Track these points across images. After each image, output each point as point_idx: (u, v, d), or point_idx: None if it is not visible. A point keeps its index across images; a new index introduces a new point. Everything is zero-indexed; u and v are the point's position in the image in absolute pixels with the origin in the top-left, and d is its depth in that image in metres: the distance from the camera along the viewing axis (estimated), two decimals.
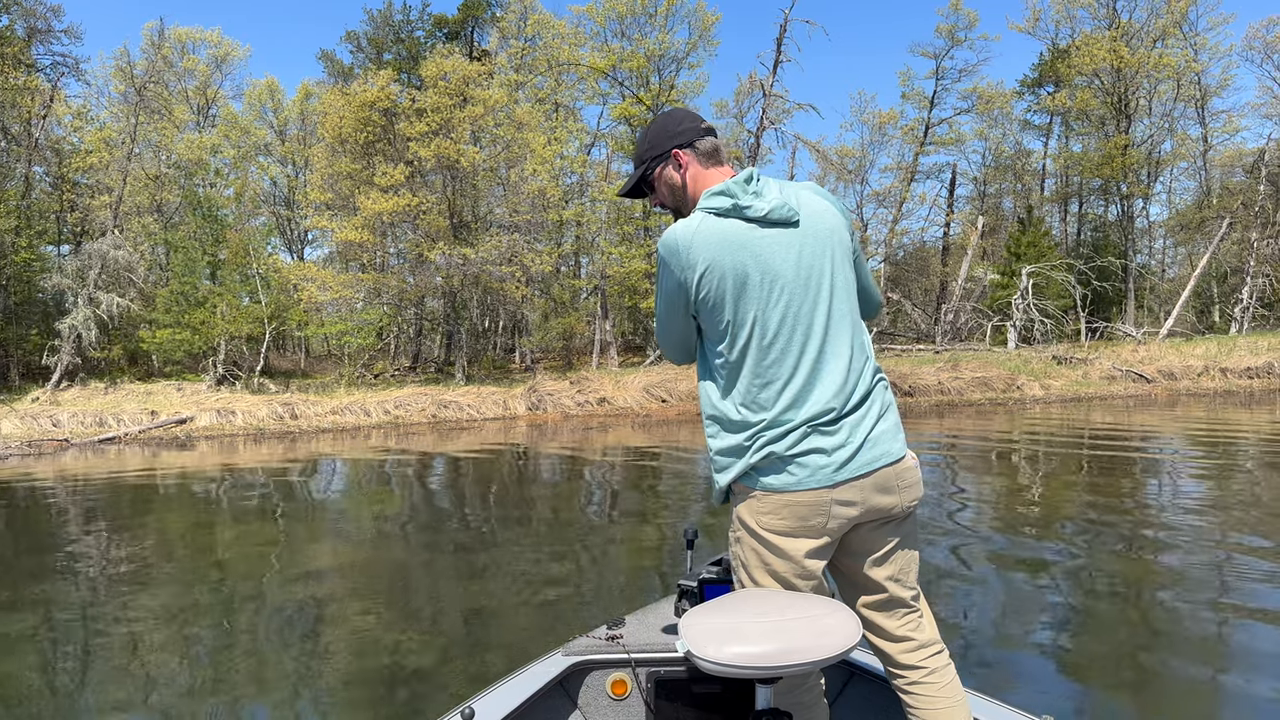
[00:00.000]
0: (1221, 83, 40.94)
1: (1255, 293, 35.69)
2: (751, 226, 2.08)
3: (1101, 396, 25.40)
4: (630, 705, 2.81)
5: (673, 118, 2.28)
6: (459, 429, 21.75)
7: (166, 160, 34.64)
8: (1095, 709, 4.06)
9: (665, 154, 2.24)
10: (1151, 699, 4.17)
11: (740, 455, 2.08)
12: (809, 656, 1.87)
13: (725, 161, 2.26)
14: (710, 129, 2.26)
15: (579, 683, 2.82)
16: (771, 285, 2.06)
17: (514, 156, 30.82)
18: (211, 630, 5.54)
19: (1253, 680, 4.22)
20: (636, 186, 2.34)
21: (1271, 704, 3.95)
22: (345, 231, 28.58)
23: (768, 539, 2.09)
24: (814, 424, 2.05)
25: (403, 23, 43.42)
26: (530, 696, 2.58)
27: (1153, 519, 8.18)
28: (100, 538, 8.82)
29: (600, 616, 5.47)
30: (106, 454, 18.03)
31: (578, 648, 2.83)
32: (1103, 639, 4.92)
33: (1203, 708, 4.09)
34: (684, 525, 5.30)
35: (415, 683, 4.55)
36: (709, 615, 1.99)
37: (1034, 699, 4.02)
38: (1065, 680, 4.43)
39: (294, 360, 38.78)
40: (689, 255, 2.07)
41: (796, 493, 2.04)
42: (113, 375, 28.25)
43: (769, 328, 2.06)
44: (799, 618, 1.95)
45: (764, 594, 2.11)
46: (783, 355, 2.07)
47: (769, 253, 2.07)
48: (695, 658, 1.88)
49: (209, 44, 41.72)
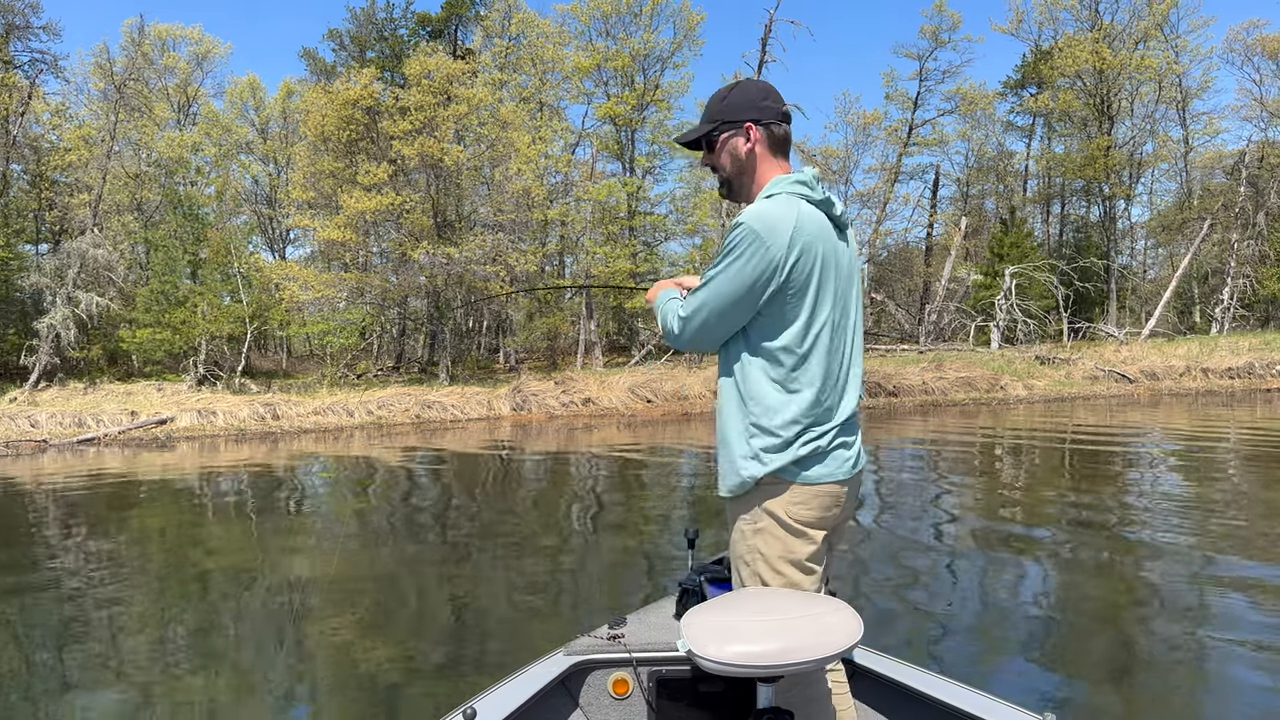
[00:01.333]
0: (1202, 85, 41.31)
1: (1236, 293, 35.96)
2: (830, 222, 2.16)
3: (1084, 396, 25.51)
4: (632, 704, 2.81)
5: (760, 89, 2.25)
6: (443, 429, 21.63)
7: (147, 158, 34.28)
8: (1079, 696, 4.04)
9: (740, 123, 2.21)
10: (1135, 689, 4.16)
11: (785, 448, 2.11)
12: (810, 655, 1.87)
13: (788, 155, 2.27)
14: (789, 115, 2.26)
15: (580, 682, 2.82)
16: (838, 282, 2.15)
17: (498, 155, 30.70)
18: (190, 638, 5.43)
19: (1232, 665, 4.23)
20: (698, 140, 2.29)
21: (1257, 690, 3.93)
22: (328, 230, 28.37)
23: (798, 528, 2.14)
24: (845, 423, 2.18)
25: (386, 20, 43.14)
26: (532, 696, 2.57)
27: (1136, 517, 8.18)
28: (76, 540, 8.68)
29: (588, 621, 5.41)
30: (85, 455, 17.82)
31: (579, 647, 2.82)
32: (1084, 629, 4.91)
33: (1187, 684, 4.10)
34: (680, 525, 5.26)
35: (401, 689, 4.47)
36: (710, 614, 2.00)
37: (1012, 686, 4.00)
38: (1049, 670, 4.43)
39: (276, 360, 38.54)
40: (794, 233, 2.05)
41: (827, 484, 2.14)
42: (92, 375, 27.97)
43: (833, 323, 2.14)
44: (801, 616, 1.96)
45: (765, 593, 2.13)
46: (837, 353, 2.16)
47: (839, 252, 2.17)
48: (696, 657, 1.88)
49: (190, 41, 41.42)
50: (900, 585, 6.14)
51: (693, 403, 25.11)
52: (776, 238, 2.03)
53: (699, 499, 10.40)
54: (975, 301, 36.68)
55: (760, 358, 2.12)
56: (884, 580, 6.24)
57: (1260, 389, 25.52)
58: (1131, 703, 4.11)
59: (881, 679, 2.69)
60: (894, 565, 6.69)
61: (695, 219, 36.69)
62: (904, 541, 7.50)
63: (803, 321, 2.09)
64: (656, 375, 27.28)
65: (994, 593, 5.95)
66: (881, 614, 5.41)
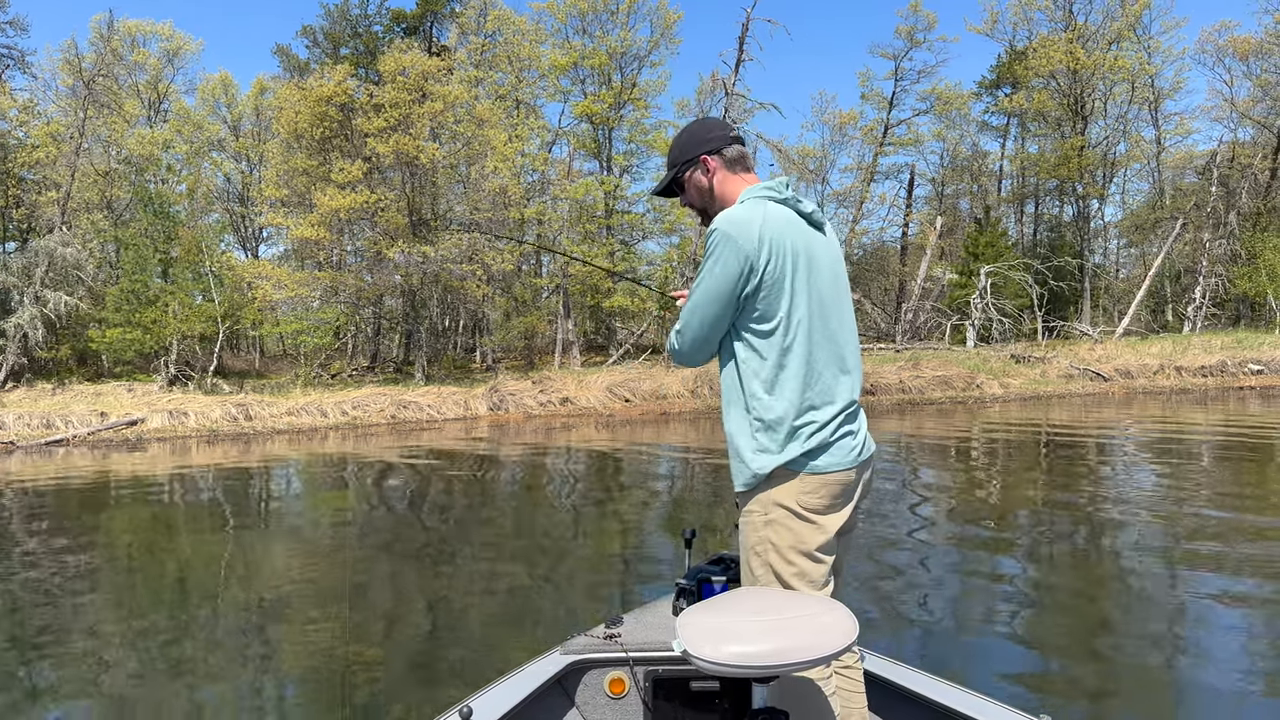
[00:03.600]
0: (1174, 85, 41.60)
1: (1208, 292, 36.29)
2: (801, 219, 2.29)
3: (1060, 395, 25.65)
4: (628, 704, 2.82)
5: (704, 125, 2.48)
6: (419, 429, 21.44)
7: (116, 155, 33.79)
8: (1049, 683, 4.03)
9: (695, 159, 2.41)
10: (1112, 680, 4.17)
11: (790, 439, 2.20)
12: (806, 655, 1.88)
13: (751, 169, 2.44)
14: (738, 137, 2.45)
15: (577, 681, 2.83)
16: (819, 275, 2.26)
17: (474, 153, 30.47)
18: (160, 647, 5.27)
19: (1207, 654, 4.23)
20: (669, 187, 2.51)
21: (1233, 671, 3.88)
22: (301, 229, 28.04)
23: (809, 517, 2.21)
24: (844, 412, 2.27)
25: (360, 17, 42.71)
26: (528, 695, 2.58)
27: (1109, 509, 8.18)
28: (43, 543, 8.46)
29: (571, 623, 5.30)
30: (54, 457, 17.52)
31: (575, 646, 2.84)
32: (1061, 621, 4.92)
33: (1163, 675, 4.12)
34: (663, 525, 5.20)
35: (380, 693, 4.35)
36: (706, 614, 2.01)
37: (989, 679, 3.94)
38: (1028, 662, 4.45)
39: (248, 360, 38.16)
40: (761, 230, 2.17)
41: (835, 473, 2.22)
42: (60, 376, 27.55)
43: (814, 315, 2.24)
44: (796, 616, 1.97)
45: (761, 593, 2.17)
46: (823, 344, 2.25)
47: (815, 246, 2.29)
48: (692, 657, 1.88)
49: (160, 37, 40.81)
50: (876, 579, 6.13)
51: (671, 402, 25.03)
52: (746, 235, 2.17)
53: (680, 499, 10.31)
54: (951, 300, 36.83)
55: (750, 353, 2.24)
56: (863, 578, 6.19)
57: (1233, 386, 25.75)
58: (1108, 686, 4.07)
59: (877, 680, 2.68)
60: (871, 562, 6.65)
61: (673, 218, 36.60)
62: (880, 540, 7.46)
63: (782, 315, 2.20)
64: (635, 375, 27.18)
65: (970, 588, 5.97)
66: (859, 613, 5.35)
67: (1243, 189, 37.08)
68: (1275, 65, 37.56)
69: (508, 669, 2.78)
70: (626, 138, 38.14)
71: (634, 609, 3.16)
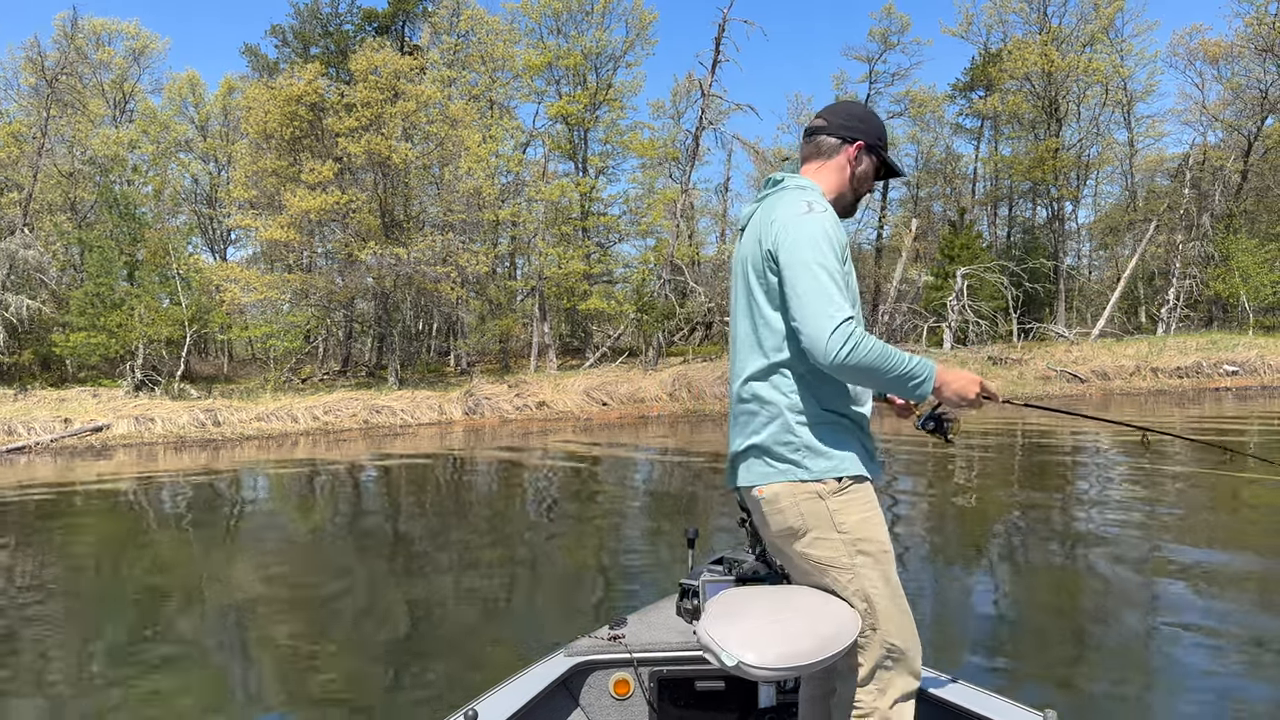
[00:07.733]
0: (1147, 88, 41.86)
1: (1181, 294, 36.51)
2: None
3: (1037, 396, 25.62)
4: (633, 705, 2.84)
5: None
6: (392, 435, 21.05)
7: (81, 156, 33.15)
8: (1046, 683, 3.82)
9: None
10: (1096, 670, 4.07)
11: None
12: (837, 645, 1.92)
13: (803, 161, 2.56)
14: (807, 129, 2.58)
15: (581, 683, 2.84)
16: (733, 280, 2.29)
17: (447, 154, 30.05)
18: (130, 666, 4.91)
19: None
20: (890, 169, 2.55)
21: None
22: (270, 230, 27.50)
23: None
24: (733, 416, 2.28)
25: (330, 16, 42.09)
26: (533, 697, 2.59)
27: (1082, 511, 8.03)
28: (2, 555, 8.05)
29: (554, 626, 5.03)
30: (15, 464, 17.03)
31: (580, 648, 2.85)
32: (1037, 620, 4.92)
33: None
34: (653, 530, 5.02)
35: (353, 707, 4.03)
36: (732, 624, 1.98)
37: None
38: (1013, 658, 4.46)
39: (216, 365, 37.59)
40: None
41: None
42: (23, 381, 26.95)
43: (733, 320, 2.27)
44: (811, 609, 2.00)
45: (766, 592, 2.17)
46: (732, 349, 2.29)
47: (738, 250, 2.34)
48: (749, 669, 1.86)
49: (126, 36, 40.00)
50: None
51: (649, 405, 24.76)
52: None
53: (667, 500, 10.04)
54: (927, 303, 36.82)
55: None
56: None
57: (1209, 387, 25.87)
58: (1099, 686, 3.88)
59: None
60: None
61: (649, 220, 36.37)
62: None
63: None
64: (612, 378, 26.89)
65: (950, 586, 5.99)
66: None
67: (1215, 191, 37.35)
68: (1246, 69, 37.84)
69: (508, 674, 2.74)
70: (602, 139, 37.89)
71: (637, 610, 3.15)
